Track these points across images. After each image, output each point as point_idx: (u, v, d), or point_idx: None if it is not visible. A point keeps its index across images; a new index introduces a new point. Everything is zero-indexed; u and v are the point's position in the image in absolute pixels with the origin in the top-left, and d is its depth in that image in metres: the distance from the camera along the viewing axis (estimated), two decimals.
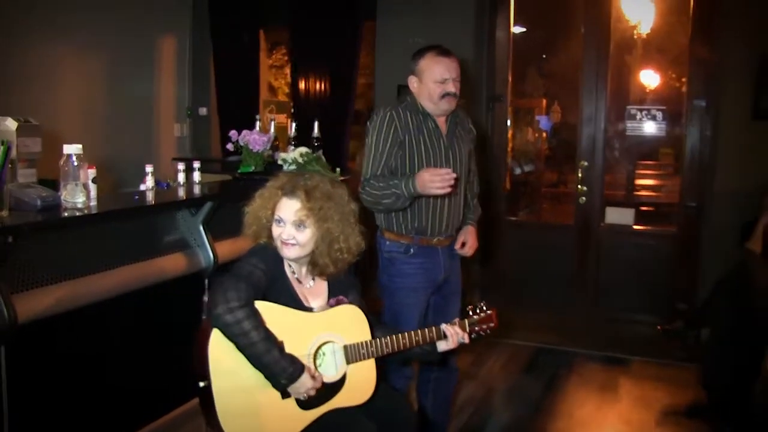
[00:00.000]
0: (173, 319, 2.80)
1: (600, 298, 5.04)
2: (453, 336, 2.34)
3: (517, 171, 6.61)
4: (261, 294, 2.05)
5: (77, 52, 5.06)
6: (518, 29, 5.69)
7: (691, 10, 4.81)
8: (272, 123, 4.25)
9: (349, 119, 5.56)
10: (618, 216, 5.11)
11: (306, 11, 5.62)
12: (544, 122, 7.44)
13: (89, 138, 3.99)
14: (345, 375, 2.17)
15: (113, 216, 2.55)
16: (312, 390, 2.04)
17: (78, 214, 2.31)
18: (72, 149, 2.36)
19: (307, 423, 2.10)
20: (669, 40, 6.73)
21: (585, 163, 5.02)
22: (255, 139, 3.69)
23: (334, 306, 2.23)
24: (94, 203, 2.46)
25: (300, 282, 2.23)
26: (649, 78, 7.57)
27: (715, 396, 3.69)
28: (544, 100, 7.35)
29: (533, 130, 7.38)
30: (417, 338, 2.29)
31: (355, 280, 2.40)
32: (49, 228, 2.26)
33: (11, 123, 2.38)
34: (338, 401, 2.16)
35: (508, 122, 5.43)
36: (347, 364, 2.18)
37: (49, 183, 2.49)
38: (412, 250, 2.85)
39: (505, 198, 5.42)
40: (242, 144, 3.73)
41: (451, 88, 2.80)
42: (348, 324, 2.21)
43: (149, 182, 2.98)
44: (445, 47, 2.88)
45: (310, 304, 2.22)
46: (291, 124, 4.34)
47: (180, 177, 3.23)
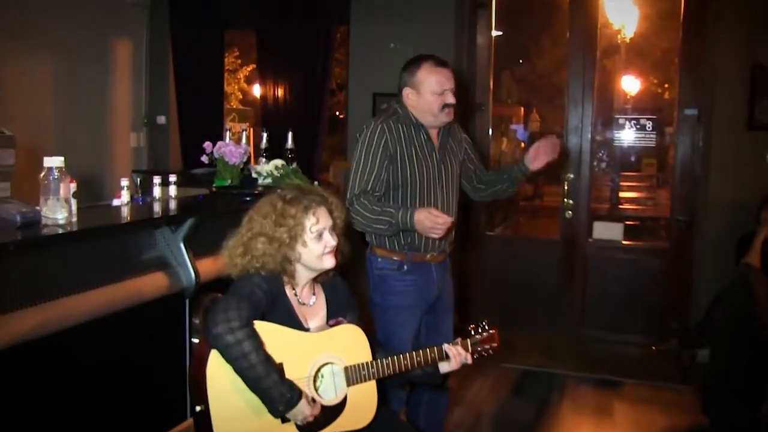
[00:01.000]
0: (153, 342, 2.86)
1: (588, 318, 5.24)
2: (456, 357, 2.45)
3: None
4: (261, 315, 2.14)
5: (21, 55, 5.04)
6: (496, 33, 5.85)
7: (681, 16, 5.00)
8: (244, 134, 4.33)
9: (322, 129, 5.67)
10: (606, 231, 5.31)
11: (274, 13, 5.73)
12: (521, 132, 7.60)
13: (34, 147, 4.02)
14: (345, 397, 2.27)
15: (96, 233, 2.61)
16: (310, 417, 2.14)
17: (61, 232, 2.36)
18: (53, 162, 2.42)
19: None
20: (654, 44, 6.99)
21: (571, 176, 5.20)
22: (231, 151, 3.78)
23: (334, 326, 2.33)
24: (75, 219, 2.51)
25: (301, 303, 2.33)
26: (633, 84, 7.85)
27: (718, 421, 3.76)
28: (522, 108, 7.51)
29: (508, 140, 7.53)
30: (419, 359, 2.39)
31: (353, 300, 2.51)
32: (34, 246, 2.32)
33: None
34: (339, 425, 2.26)
35: (490, 132, 5.61)
36: (347, 386, 2.27)
37: None
38: (405, 267, 2.97)
39: (484, 211, 5.56)
40: (217, 156, 3.81)
41: (451, 99, 2.94)
42: (348, 345, 2.31)
43: (125, 197, 3.04)
44: (439, 57, 3.01)
45: (309, 325, 2.32)
46: (262, 135, 4.42)
47: (156, 191, 3.29)
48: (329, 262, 2.29)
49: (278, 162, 3.96)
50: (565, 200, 5.21)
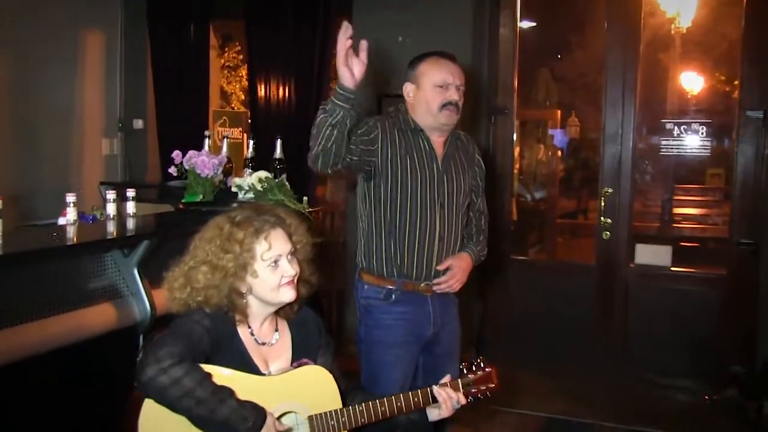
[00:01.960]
0: (99, 385, 2.86)
1: (628, 358, 5.14)
2: (446, 400, 2.40)
3: (526, 198, 6.72)
4: (202, 357, 2.11)
5: None
6: (526, 24, 5.82)
7: (744, 1, 4.92)
8: (225, 141, 4.35)
9: None
10: (651, 255, 5.23)
11: (265, 1, 5.75)
12: (559, 138, 7.56)
13: None
14: None
15: (26, 258, 2.61)
16: None
17: None
18: None
19: None
20: (718, 34, 6.90)
21: (609, 190, 5.15)
22: (203, 162, 3.80)
23: (296, 369, 2.31)
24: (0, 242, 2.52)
25: (259, 342, 2.30)
26: (694, 82, 7.76)
27: None
28: (559, 111, 7.47)
29: (545, 148, 7.50)
30: (399, 404, 2.35)
31: (328, 339, 2.49)
32: None
33: None
34: None
35: (514, 138, 5.57)
36: None
37: None
38: (394, 297, 2.96)
39: (511, 232, 5.52)
40: (188, 167, 3.83)
41: (454, 96, 2.94)
42: (313, 389, 2.28)
43: (71, 215, 3.06)
44: (448, 52, 3.03)
45: (270, 368, 2.29)
46: (248, 142, 4.43)
47: (110, 208, 3.30)
48: (287, 295, 2.25)
49: (262, 174, 3.94)
50: (602, 219, 5.16)
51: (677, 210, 6.83)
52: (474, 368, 2.53)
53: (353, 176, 3.14)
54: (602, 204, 5.17)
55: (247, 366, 2.22)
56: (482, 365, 2.54)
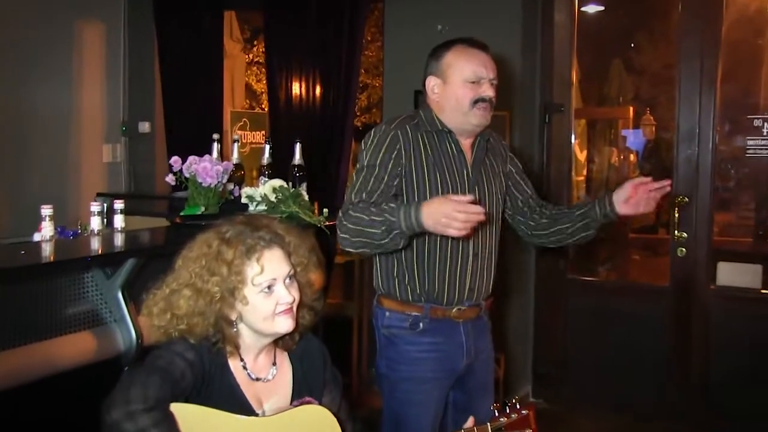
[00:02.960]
0: (79, 423, 2.82)
1: (711, 399, 5.01)
2: None
3: None
4: (183, 396, 2.04)
5: None
6: (592, 8, 5.74)
7: None
8: (235, 145, 4.33)
9: (348, 139, 5.64)
10: (736, 275, 5.12)
11: None
12: (634, 139, 7.46)
13: None
14: None
15: None
16: None
17: None
18: None
19: None
20: None
21: (685, 199, 5.04)
22: (205, 169, 3.76)
23: (296, 408, 2.24)
24: None
25: (254, 378, 2.24)
26: None
27: None
28: (632, 108, 7.35)
29: (618, 151, 7.40)
30: None
31: (335, 374, 2.43)
32: None
33: None
34: None
35: (573, 140, 5.50)
36: None
37: None
38: (422, 325, 2.88)
39: (570, 249, 5.42)
40: (188, 175, 3.80)
41: (489, 92, 2.87)
42: None
43: (46, 230, 3.04)
44: (478, 39, 2.95)
45: (264, 407, 2.23)
46: (265, 147, 4.40)
47: (94, 222, 3.29)
48: (283, 325, 2.17)
49: (276, 183, 3.91)
50: (676, 233, 5.03)
51: None
52: (508, 410, 2.44)
53: None
54: (675, 215, 5.06)
55: (238, 405, 2.16)
56: (518, 407, 2.45)
